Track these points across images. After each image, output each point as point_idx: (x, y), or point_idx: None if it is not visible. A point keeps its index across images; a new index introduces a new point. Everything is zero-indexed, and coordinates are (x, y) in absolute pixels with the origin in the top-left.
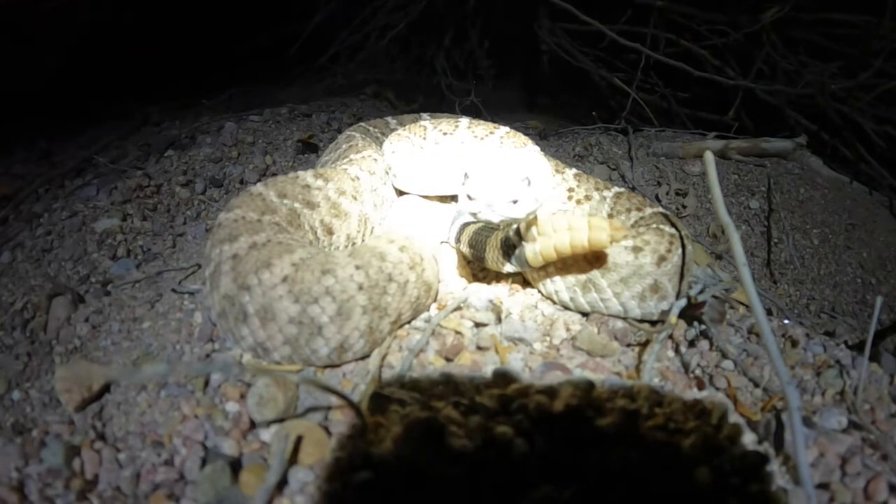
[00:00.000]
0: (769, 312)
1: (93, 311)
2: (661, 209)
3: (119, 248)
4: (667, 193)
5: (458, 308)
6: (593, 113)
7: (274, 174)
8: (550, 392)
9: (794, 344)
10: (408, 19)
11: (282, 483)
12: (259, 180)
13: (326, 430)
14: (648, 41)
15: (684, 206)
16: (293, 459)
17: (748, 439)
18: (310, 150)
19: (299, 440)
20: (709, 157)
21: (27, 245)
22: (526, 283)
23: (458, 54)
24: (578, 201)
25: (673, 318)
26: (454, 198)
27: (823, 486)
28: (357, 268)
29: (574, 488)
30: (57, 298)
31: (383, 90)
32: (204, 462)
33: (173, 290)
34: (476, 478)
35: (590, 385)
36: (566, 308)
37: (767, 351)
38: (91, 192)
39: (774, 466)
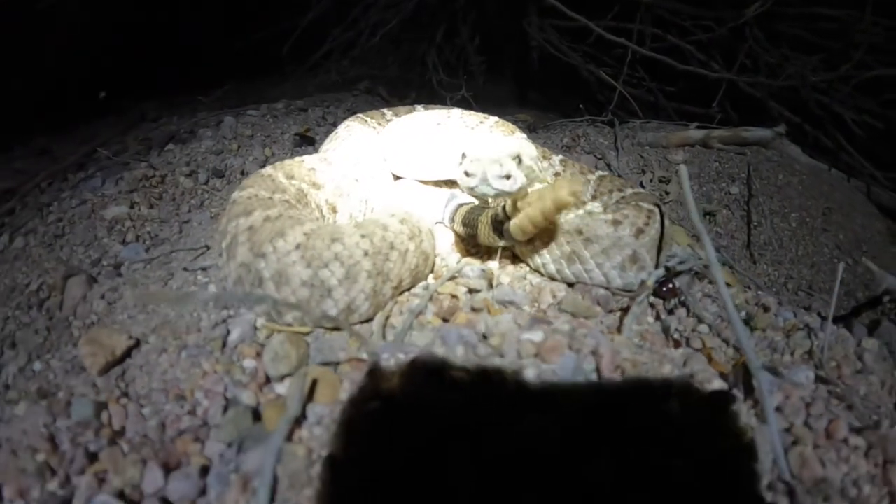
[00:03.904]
0: (748, 289)
1: (108, 288)
2: (640, 189)
3: (128, 234)
4: (651, 181)
5: (454, 278)
6: (580, 106)
7: None
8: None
9: (766, 310)
10: (400, 16)
11: (300, 419)
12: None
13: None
14: (635, 36)
15: (667, 193)
16: (309, 398)
17: (718, 385)
18: (307, 143)
19: (315, 382)
20: (682, 170)
21: (39, 231)
22: (515, 259)
23: (449, 50)
24: None
25: (651, 282)
26: (447, 182)
27: (787, 430)
28: (363, 236)
29: (556, 418)
30: (72, 279)
31: (376, 86)
32: (225, 410)
33: (184, 269)
34: (474, 403)
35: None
36: (553, 279)
37: (726, 308)
38: (96, 183)
39: (742, 407)
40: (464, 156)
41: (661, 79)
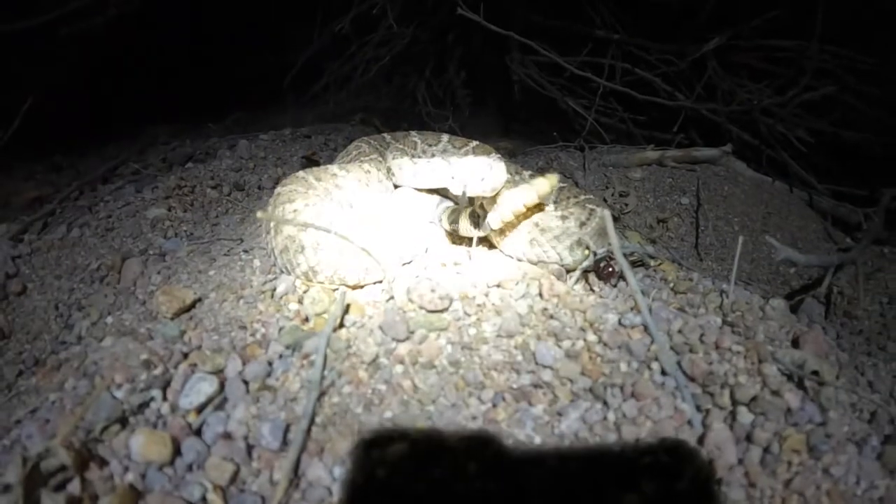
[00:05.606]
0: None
1: (162, 266)
2: (592, 196)
3: (168, 231)
4: (612, 195)
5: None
6: (554, 133)
7: None
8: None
9: (690, 280)
10: (392, 53)
11: (340, 326)
12: (274, 186)
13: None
14: (606, 70)
15: (626, 205)
16: (345, 312)
17: (631, 314)
18: (312, 165)
19: (348, 305)
20: (606, 214)
21: (92, 225)
22: (491, 247)
23: (437, 85)
24: None
25: (588, 251)
26: (436, 191)
27: (685, 343)
28: None
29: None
30: (129, 259)
31: (370, 117)
32: (280, 331)
33: (224, 255)
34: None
35: None
36: (520, 260)
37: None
38: (130, 191)
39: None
40: (451, 165)
41: (633, 109)
